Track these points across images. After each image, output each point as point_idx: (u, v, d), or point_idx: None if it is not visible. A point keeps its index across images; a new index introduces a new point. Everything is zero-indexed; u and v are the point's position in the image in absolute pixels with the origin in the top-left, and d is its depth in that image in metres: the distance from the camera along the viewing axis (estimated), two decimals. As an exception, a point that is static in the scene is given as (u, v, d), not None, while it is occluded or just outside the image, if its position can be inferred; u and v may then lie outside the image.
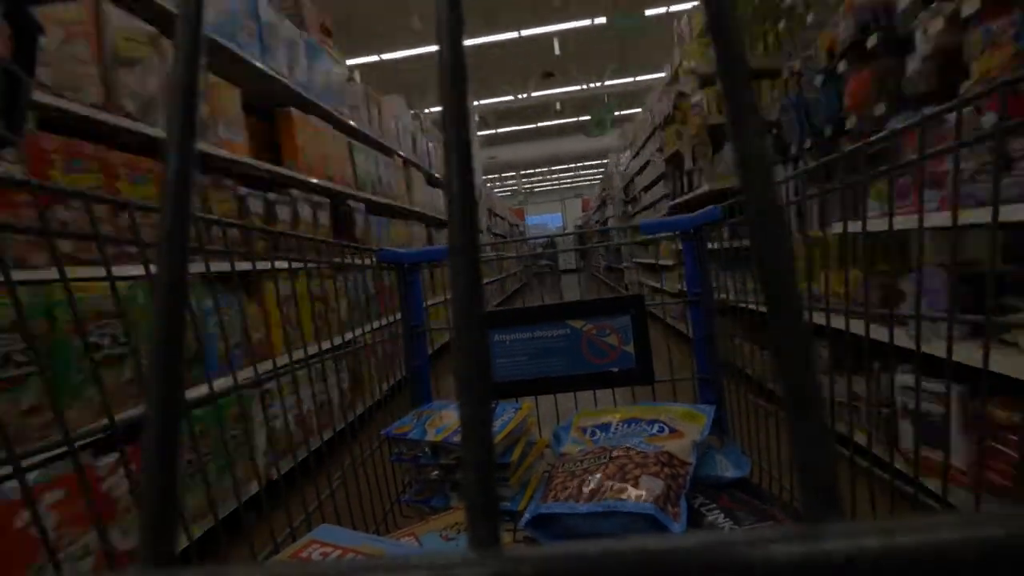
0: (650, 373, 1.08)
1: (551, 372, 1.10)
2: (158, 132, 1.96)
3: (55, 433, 0.44)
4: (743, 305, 1.06)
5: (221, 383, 0.69)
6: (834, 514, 0.12)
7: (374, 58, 10.03)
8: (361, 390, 2.99)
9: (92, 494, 0.50)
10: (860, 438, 1.84)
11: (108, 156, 1.77)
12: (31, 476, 0.51)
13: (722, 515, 0.70)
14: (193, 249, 0.62)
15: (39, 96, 1.52)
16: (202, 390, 0.68)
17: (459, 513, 0.74)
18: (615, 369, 1.08)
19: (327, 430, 1.85)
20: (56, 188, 0.51)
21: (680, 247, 1.16)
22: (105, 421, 0.50)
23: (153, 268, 0.54)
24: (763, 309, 0.13)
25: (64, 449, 0.45)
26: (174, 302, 0.15)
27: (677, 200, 4.75)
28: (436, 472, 0.89)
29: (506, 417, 0.92)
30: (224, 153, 2.40)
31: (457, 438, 0.85)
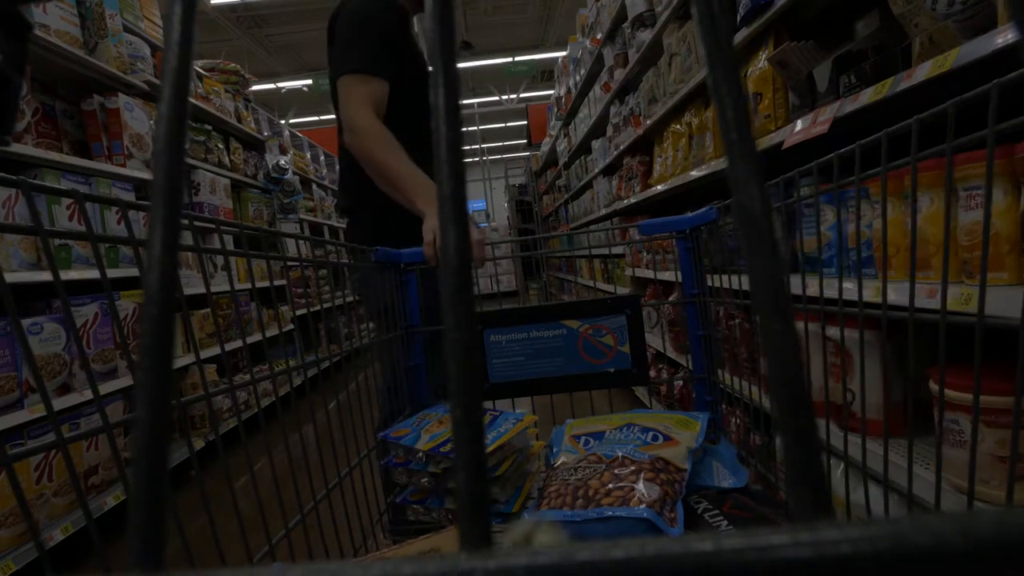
0: (646, 374, 1.08)
1: (547, 372, 1.10)
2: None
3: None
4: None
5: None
6: (824, 513, 0.12)
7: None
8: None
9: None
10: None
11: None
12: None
13: (725, 521, 0.70)
14: (187, 247, 0.61)
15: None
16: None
17: (437, 538, 0.73)
18: (611, 370, 1.08)
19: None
20: (48, 187, 0.50)
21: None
22: (98, 422, 0.50)
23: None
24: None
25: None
26: (164, 302, 0.15)
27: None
28: (426, 479, 0.88)
29: (502, 428, 0.90)
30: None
31: (445, 448, 0.85)
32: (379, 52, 1.46)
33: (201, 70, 4.29)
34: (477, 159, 14.35)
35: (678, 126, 2.69)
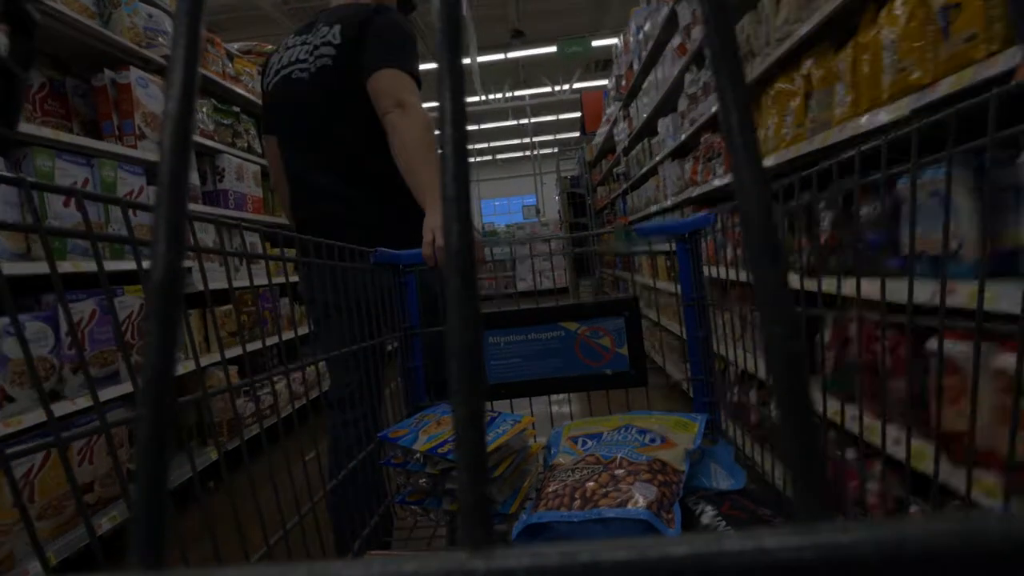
0: (643, 375, 1.09)
1: (545, 374, 1.10)
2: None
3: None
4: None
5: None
6: (826, 513, 0.12)
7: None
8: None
9: (83, 494, 0.49)
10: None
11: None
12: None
13: (724, 522, 0.70)
14: (194, 248, 0.61)
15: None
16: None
17: None
18: (608, 371, 1.09)
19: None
20: (49, 185, 0.50)
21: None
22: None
23: (146, 265, 0.54)
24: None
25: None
26: (168, 301, 0.15)
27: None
28: (424, 480, 0.88)
29: (500, 430, 0.90)
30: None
31: (443, 449, 0.85)
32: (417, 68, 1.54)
33: (235, 51, 3.96)
34: (529, 153, 13.89)
35: (787, 84, 2.04)
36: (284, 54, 1.64)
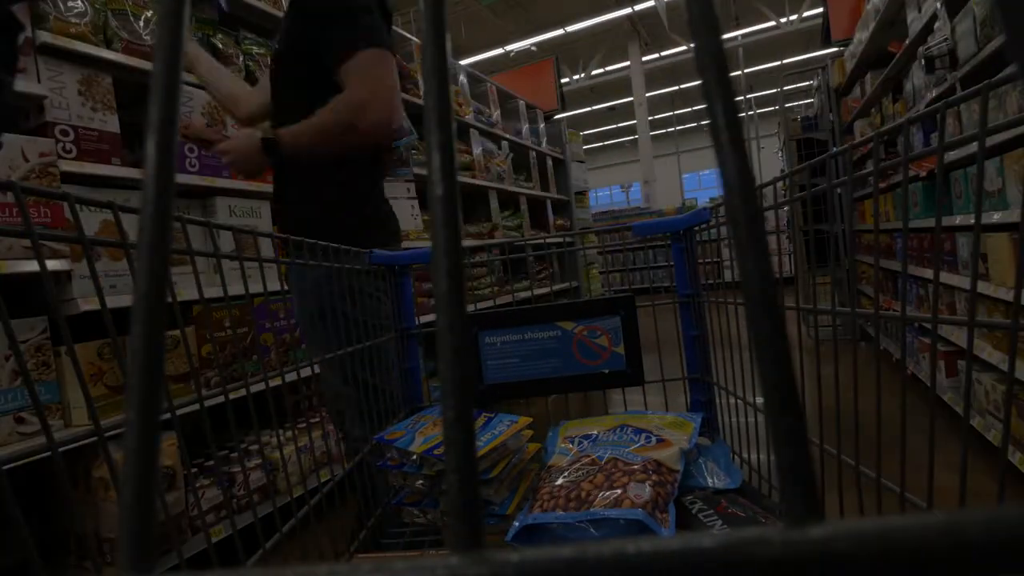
0: (640, 374, 1.09)
1: (542, 374, 1.10)
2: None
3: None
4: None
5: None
6: (815, 514, 0.12)
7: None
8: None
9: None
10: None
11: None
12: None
13: (720, 521, 0.70)
14: (180, 251, 0.61)
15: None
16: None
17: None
18: (606, 371, 1.09)
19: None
20: (40, 189, 0.50)
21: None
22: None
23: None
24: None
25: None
26: (154, 306, 0.15)
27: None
28: (421, 482, 0.88)
29: (497, 430, 0.89)
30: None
31: (439, 451, 0.85)
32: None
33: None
34: (743, 114, 10.52)
35: None
36: None
